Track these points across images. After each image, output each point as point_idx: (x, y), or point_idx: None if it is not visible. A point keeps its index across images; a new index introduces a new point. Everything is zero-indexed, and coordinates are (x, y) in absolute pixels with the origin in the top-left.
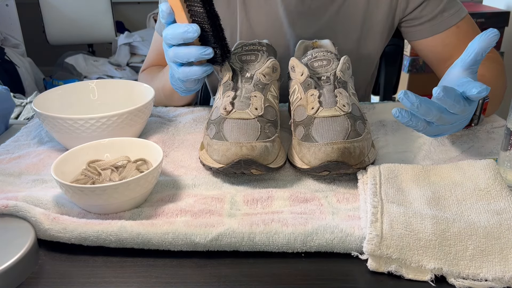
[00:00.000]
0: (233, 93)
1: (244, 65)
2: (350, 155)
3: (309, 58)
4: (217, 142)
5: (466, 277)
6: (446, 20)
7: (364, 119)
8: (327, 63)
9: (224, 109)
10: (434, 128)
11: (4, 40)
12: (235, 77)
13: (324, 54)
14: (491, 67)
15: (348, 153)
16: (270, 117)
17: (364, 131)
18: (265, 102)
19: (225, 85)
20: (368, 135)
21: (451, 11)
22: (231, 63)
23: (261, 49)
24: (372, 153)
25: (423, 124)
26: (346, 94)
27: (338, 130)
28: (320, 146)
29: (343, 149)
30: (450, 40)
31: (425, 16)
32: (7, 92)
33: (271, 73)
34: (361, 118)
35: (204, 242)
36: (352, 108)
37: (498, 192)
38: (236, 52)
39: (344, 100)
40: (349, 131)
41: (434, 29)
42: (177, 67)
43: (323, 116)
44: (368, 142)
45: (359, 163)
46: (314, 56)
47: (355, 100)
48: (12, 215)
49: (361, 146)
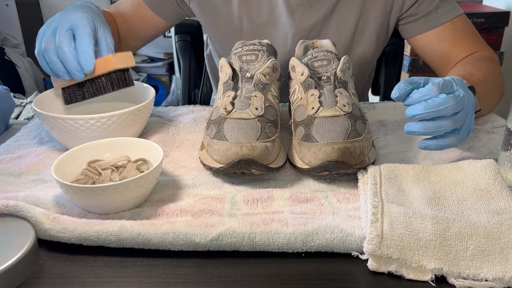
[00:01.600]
0: (233, 93)
1: (244, 65)
2: (351, 155)
3: (309, 58)
4: (217, 142)
5: (466, 277)
6: (441, 16)
7: (365, 119)
8: (328, 63)
9: (225, 109)
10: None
11: (4, 40)
12: (235, 77)
13: (325, 54)
14: (484, 66)
15: (348, 153)
16: (271, 117)
17: (364, 131)
18: (265, 102)
19: (225, 85)
20: (368, 135)
21: (445, 8)
22: (230, 62)
23: (261, 49)
24: (372, 153)
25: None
26: (346, 94)
27: (339, 130)
28: (321, 146)
29: (343, 149)
30: (445, 36)
31: (420, 12)
32: (7, 92)
33: (272, 73)
34: (362, 118)
35: (204, 242)
36: (353, 108)
37: (498, 192)
38: (236, 52)
39: (344, 100)
40: (350, 131)
41: (429, 24)
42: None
43: (324, 116)
44: (369, 142)
45: (359, 163)
46: (314, 56)
47: (356, 100)
48: (12, 215)
49: (361, 146)
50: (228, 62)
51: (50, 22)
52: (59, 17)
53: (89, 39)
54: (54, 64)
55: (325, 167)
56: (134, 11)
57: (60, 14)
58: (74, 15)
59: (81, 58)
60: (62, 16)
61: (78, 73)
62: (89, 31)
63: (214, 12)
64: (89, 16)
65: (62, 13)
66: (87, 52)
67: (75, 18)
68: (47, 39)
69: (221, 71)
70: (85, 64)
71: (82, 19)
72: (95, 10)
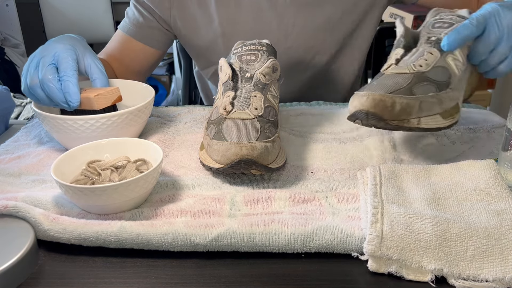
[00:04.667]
0: (233, 93)
1: (244, 65)
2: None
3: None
4: (217, 143)
5: (466, 278)
6: None
7: (277, 124)
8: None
9: (224, 109)
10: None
11: (4, 40)
12: (234, 77)
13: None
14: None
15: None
16: (270, 117)
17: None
18: (265, 102)
19: (224, 85)
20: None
21: None
22: (230, 62)
23: (261, 49)
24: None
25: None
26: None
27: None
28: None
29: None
30: None
31: None
32: (7, 92)
33: (271, 73)
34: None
35: (204, 243)
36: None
37: (498, 192)
38: (236, 52)
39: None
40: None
41: None
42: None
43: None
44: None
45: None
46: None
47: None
48: (11, 215)
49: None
50: (228, 62)
51: (32, 57)
52: (40, 51)
53: (72, 73)
54: (42, 99)
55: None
56: (124, 48)
57: (41, 48)
58: (55, 47)
59: (66, 95)
60: (43, 50)
61: (65, 105)
62: (72, 64)
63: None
64: (70, 46)
65: (43, 47)
66: (72, 91)
67: (56, 51)
68: (31, 77)
69: (221, 71)
70: (70, 102)
71: (63, 51)
72: (77, 39)
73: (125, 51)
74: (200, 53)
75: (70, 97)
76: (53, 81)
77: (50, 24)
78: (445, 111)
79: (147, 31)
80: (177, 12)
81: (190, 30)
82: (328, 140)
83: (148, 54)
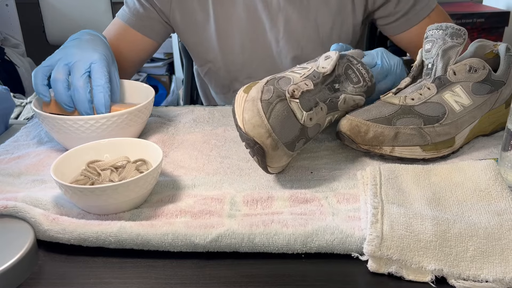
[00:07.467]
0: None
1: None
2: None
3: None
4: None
5: (466, 278)
6: (419, 13)
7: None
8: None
9: (293, 91)
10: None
11: (4, 40)
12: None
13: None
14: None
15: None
16: (310, 134)
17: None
18: (321, 118)
19: (325, 77)
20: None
21: (422, 3)
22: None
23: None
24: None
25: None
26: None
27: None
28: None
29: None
30: (424, 31)
31: (400, 11)
32: (7, 92)
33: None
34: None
35: (204, 243)
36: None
37: (498, 192)
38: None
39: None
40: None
41: (409, 22)
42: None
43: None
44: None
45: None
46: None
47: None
48: (11, 215)
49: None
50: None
51: (65, 53)
52: (77, 52)
53: (107, 85)
54: (61, 95)
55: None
56: (121, 37)
57: (77, 49)
58: (92, 56)
59: (99, 107)
60: (79, 52)
61: (86, 114)
62: (105, 78)
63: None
64: (104, 58)
65: (78, 48)
66: (105, 105)
67: (93, 61)
68: (58, 71)
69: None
70: (102, 113)
71: (99, 62)
72: (107, 46)
73: (122, 40)
74: (196, 50)
75: (102, 109)
76: (85, 90)
77: (50, 24)
78: (427, 144)
79: (147, 22)
80: (177, 5)
81: (188, 25)
82: (328, 140)
83: (146, 45)
